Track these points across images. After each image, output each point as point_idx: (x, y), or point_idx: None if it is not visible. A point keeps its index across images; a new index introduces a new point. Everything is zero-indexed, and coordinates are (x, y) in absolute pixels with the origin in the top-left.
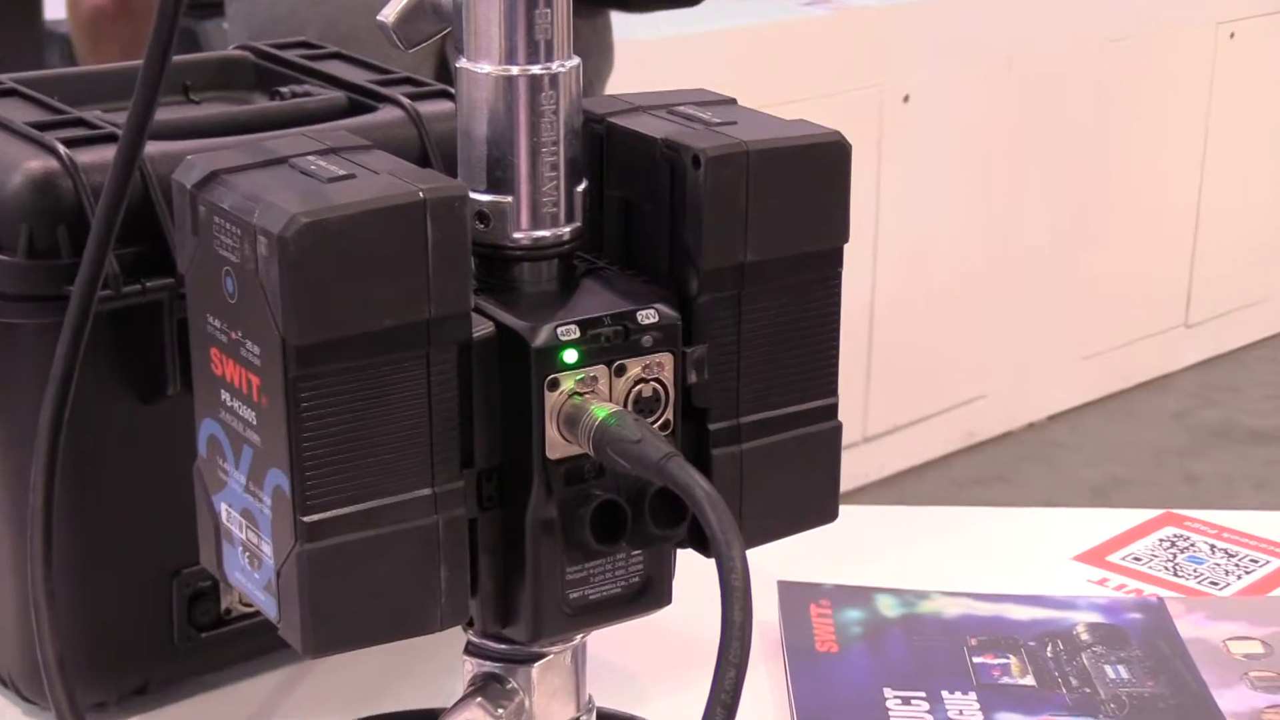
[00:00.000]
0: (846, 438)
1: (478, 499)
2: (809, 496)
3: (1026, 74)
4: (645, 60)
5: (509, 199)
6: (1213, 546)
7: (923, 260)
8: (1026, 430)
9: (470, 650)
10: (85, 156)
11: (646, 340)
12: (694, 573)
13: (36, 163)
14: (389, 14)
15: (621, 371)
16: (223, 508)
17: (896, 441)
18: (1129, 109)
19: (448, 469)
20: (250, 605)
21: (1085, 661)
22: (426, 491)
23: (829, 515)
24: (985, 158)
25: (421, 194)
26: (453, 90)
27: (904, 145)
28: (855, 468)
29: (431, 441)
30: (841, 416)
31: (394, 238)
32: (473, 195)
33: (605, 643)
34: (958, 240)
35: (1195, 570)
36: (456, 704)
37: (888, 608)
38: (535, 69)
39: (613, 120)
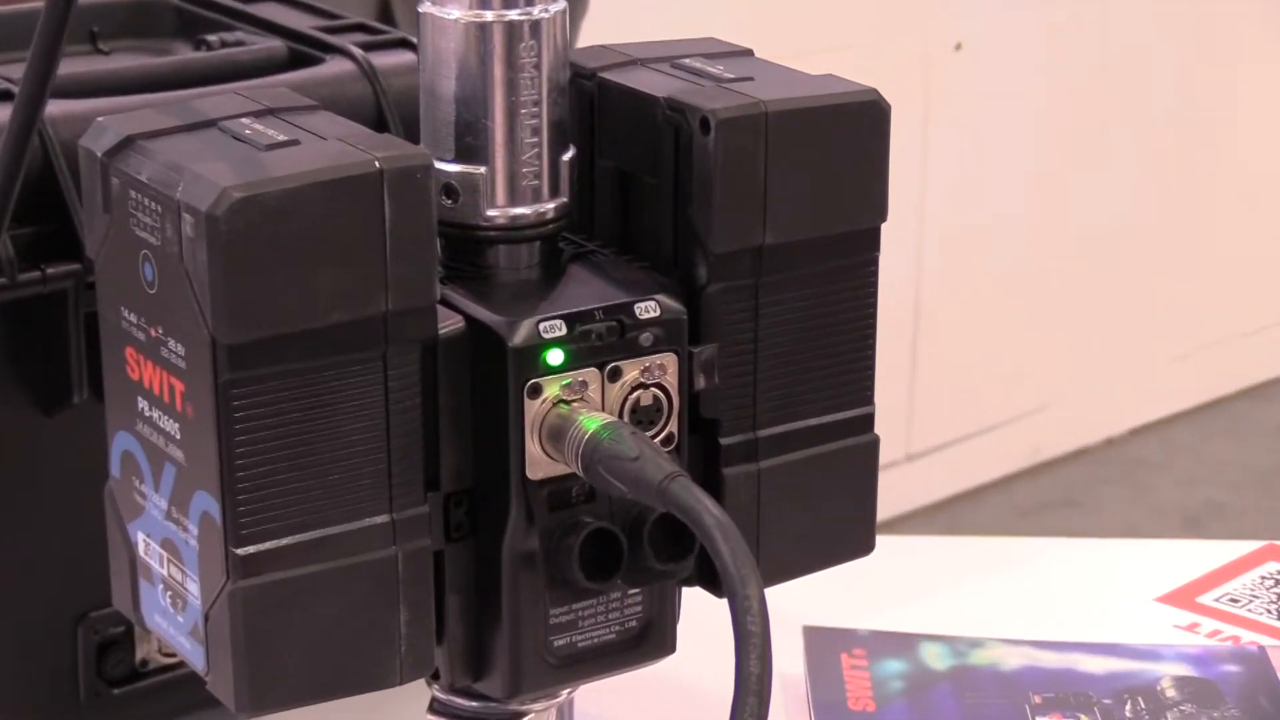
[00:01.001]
0: (886, 455)
1: (445, 528)
2: (840, 525)
3: (1103, 15)
4: (644, 3)
5: (481, 170)
6: None
7: (978, 243)
8: (1103, 447)
9: (436, 709)
10: None
11: (646, 338)
12: (703, 615)
13: None
14: None
15: (616, 375)
16: (140, 538)
17: (946, 460)
18: (1230, 63)
19: (409, 492)
20: (172, 655)
21: None
22: (383, 519)
23: (864, 547)
24: (1052, 120)
25: (377, 164)
26: (414, 39)
27: (955, 104)
28: (897, 491)
29: (389, 460)
30: (880, 429)
31: (345, 216)
32: (438, 165)
33: (597, 699)
34: (1019, 219)
35: None
36: None
37: (935, 658)
38: (513, 14)
39: (606, 76)
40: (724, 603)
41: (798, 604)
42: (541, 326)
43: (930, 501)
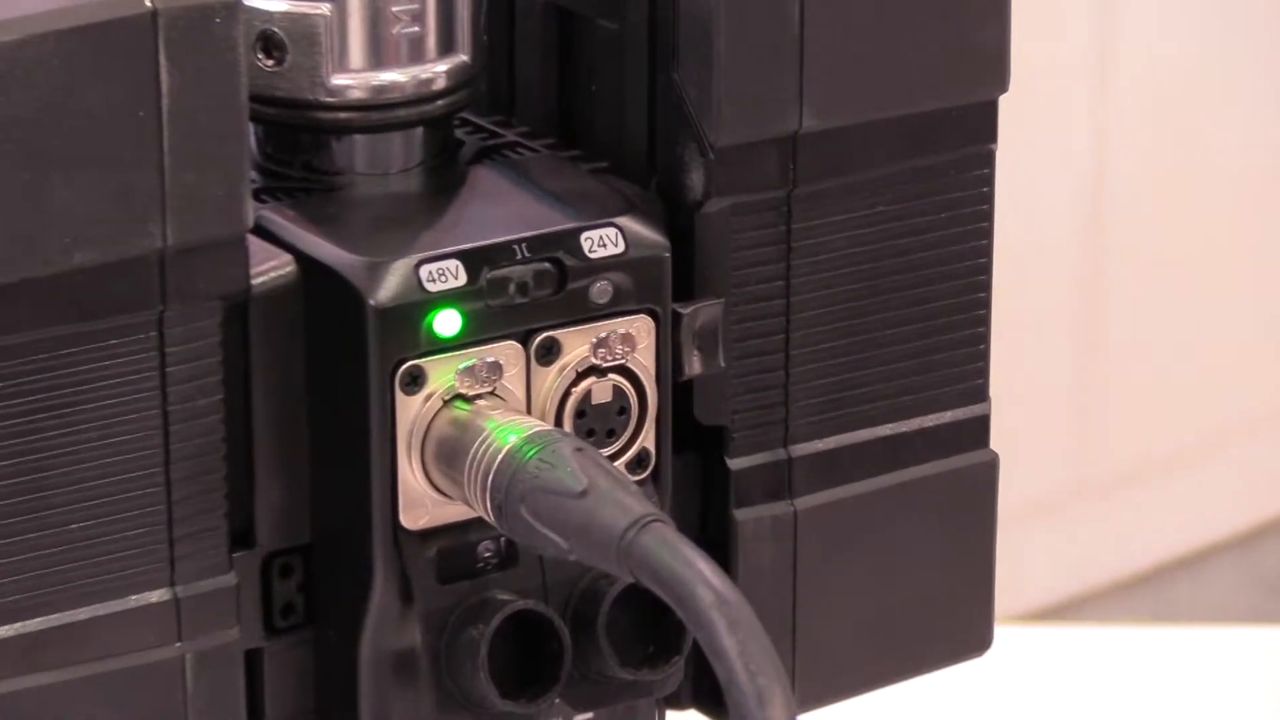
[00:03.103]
0: (1046, 488)
1: (264, 611)
2: (932, 605)
3: None
4: None
5: (323, 8)
6: None
7: (1200, 143)
8: None
9: None
10: None
11: (601, 290)
12: None
13: None
14: None
15: (551, 353)
16: None
17: (1145, 500)
18: None
19: (202, 552)
20: None
21: None
22: (159, 596)
23: (975, 642)
24: None
25: (149, 1)
26: None
27: None
28: (1058, 550)
29: (168, 497)
30: (1037, 447)
31: (92, 89)
32: (251, 3)
33: None
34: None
35: None
36: None
37: None
38: None
39: None
40: None
41: None
42: (424, 271)
43: (1130, 572)
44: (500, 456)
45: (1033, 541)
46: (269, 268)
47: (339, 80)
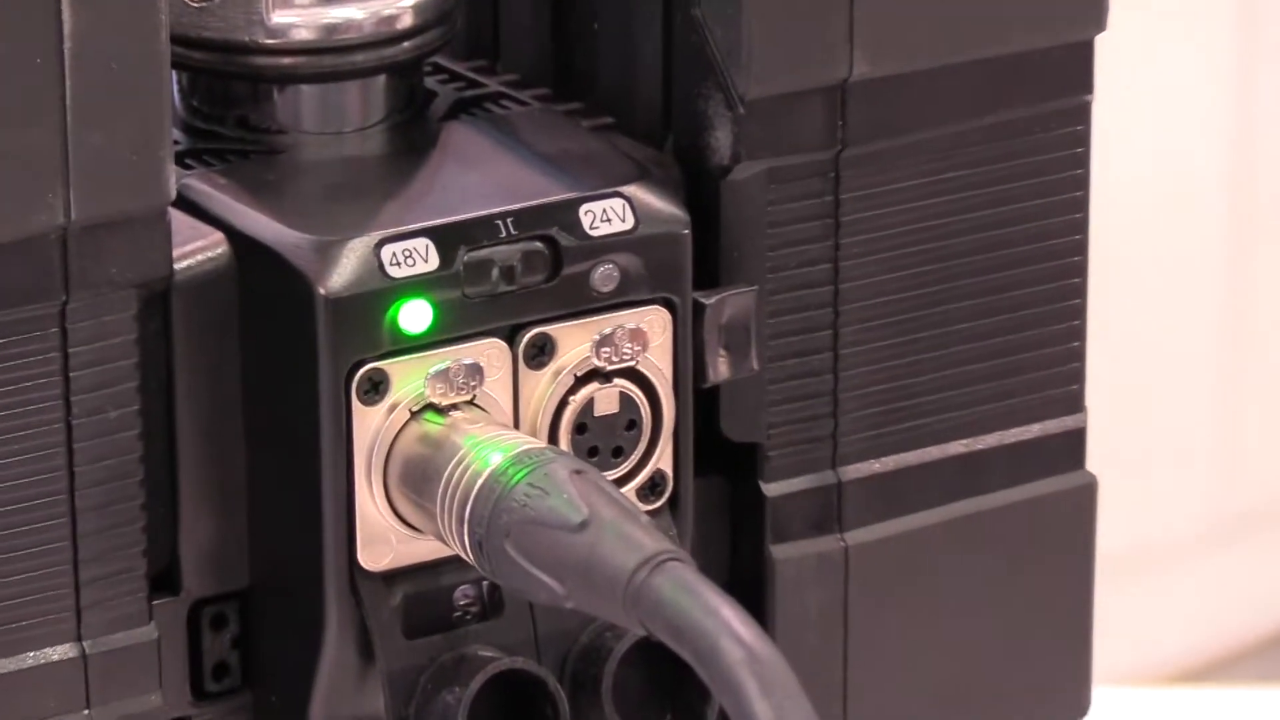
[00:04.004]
0: (1179, 526)
1: (191, 672)
2: (1016, 660)
3: None
4: None
5: None
6: None
7: None
8: None
9: None
10: None
11: (605, 276)
12: None
13: None
14: None
15: (543, 354)
16: None
17: None
18: None
19: (117, 598)
20: None
21: None
22: (64, 652)
23: (1069, 706)
24: None
25: None
26: None
27: None
28: (1193, 599)
29: (74, 530)
30: (1166, 476)
31: None
32: None
33: None
34: None
35: None
36: None
37: None
38: None
39: None
40: None
41: None
42: (387, 253)
43: (1265, 624)
44: (481, 481)
45: (1162, 589)
46: (195, 249)
47: (281, 18)
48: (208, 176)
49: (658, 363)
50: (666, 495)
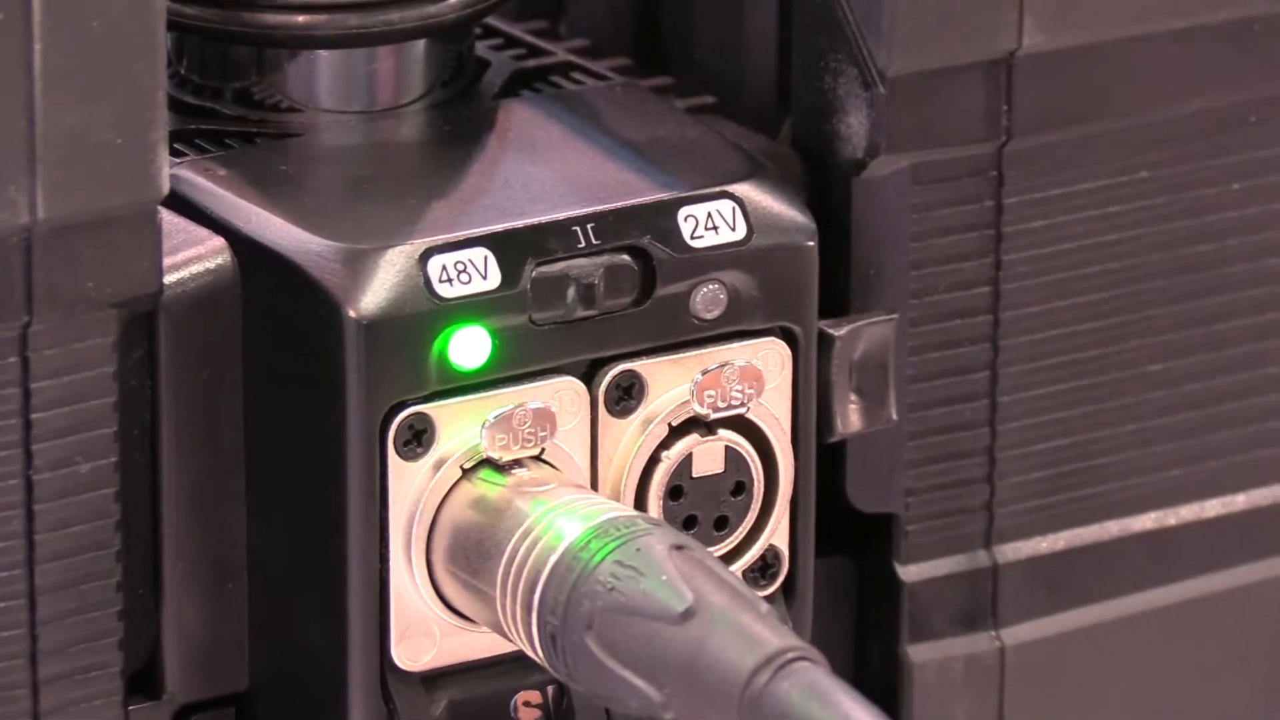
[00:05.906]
0: None
1: None
2: None
3: None
4: None
5: None
6: None
7: None
8: None
9: None
10: None
11: (706, 300)
12: None
13: None
14: None
15: (630, 396)
16: None
17: None
18: None
19: (85, 700)
20: None
21: None
22: None
23: None
24: None
25: None
26: None
27: None
28: None
29: (33, 615)
30: None
31: None
32: None
33: None
34: None
35: None
36: None
37: None
38: None
39: None
40: None
41: None
42: (434, 266)
43: None
44: (555, 558)
45: None
46: (189, 259)
47: None
48: (203, 166)
49: (773, 410)
50: (780, 579)
